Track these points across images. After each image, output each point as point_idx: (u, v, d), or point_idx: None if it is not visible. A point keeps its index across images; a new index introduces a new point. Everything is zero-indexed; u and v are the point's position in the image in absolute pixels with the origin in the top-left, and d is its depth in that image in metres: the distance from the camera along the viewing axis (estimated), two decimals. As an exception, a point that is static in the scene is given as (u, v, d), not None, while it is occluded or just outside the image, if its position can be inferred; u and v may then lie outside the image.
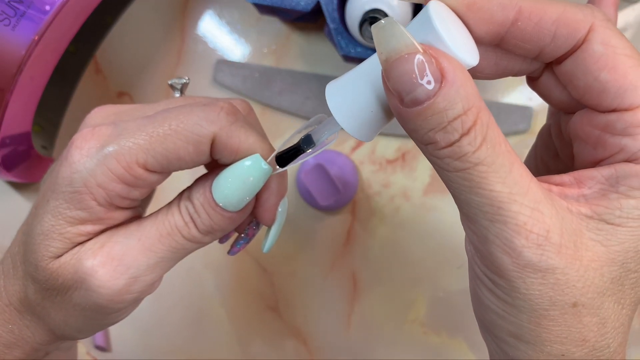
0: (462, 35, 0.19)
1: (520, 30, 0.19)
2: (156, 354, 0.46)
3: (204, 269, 0.45)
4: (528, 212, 0.18)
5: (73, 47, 0.44)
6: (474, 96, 0.18)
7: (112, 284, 0.23)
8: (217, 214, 0.24)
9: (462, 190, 0.19)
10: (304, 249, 0.44)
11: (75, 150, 0.23)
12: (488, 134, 0.18)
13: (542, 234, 0.18)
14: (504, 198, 0.18)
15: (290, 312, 0.45)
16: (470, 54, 0.19)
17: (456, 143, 0.18)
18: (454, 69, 0.17)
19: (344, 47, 0.38)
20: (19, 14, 0.33)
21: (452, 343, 0.44)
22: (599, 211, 0.19)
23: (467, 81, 0.17)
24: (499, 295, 0.20)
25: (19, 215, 0.46)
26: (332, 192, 0.41)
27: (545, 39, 0.19)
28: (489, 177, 0.18)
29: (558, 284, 0.19)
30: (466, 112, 0.17)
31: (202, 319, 0.45)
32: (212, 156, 0.24)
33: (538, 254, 0.18)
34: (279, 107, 0.44)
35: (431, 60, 0.17)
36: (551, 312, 0.19)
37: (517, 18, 0.19)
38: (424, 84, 0.17)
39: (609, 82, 0.19)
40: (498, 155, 0.18)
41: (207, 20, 0.45)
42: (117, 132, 0.24)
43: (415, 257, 0.43)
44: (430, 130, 0.18)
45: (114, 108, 0.26)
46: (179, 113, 0.24)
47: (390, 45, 0.17)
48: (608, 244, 0.19)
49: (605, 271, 0.19)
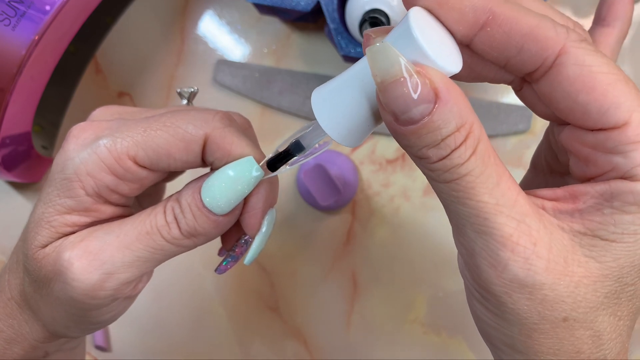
0: (443, 39, 0.19)
1: (488, 36, 0.19)
2: (156, 354, 0.46)
3: (204, 269, 0.45)
4: (514, 224, 0.18)
5: (73, 47, 0.44)
6: (467, 112, 0.18)
7: (85, 278, 0.23)
8: (203, 216, 0.24)
9: (451, 201, 0.19)
10: (304, 249, 0.44)
11: (71, 139, 0.24)
12: (478, 147, 0.18)
13: (528, 247, 0.18)
14: (490, 209, 0.18)
15: (290, 312, 0.45)
16: (454, 61, 0.19)
17: (447, 157, 0.18)
18: (447, 88, 0.17)
19: (344, 47, 0.38)
20: (19, 14, 0.33)
21: (452, 343, 0.44)
22: (592, 227, 0.19)
23: (459, 98, 0.18)
24: (489, 308, 0.20)
25: (19, 215, 0.46)
26: (332, 192, 0.41)
27: (511, 50, 0.19)
28: (476, 187, 0.18)
29: (546, 300, 0.18)
30: (459, 129, 0.18)
31: (201, 319, 0.45)
32: (204, 159, 0.24)
33: (525, 269, 0.18)
34: (279, 107, 0.44)
35: (425, 82, 0.17)
36: (541, 326, 0.19)
37: (487, 23, 0.19)
38: (418, 105, 0.17)
39: (589, 103, 0.18)
40: (486, 167, 0.18)
41: (207, 21, 0.45)
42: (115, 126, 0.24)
43: (415, 257, 0.43)
44: (424, 147, 0.18)
45: (118, 108, 0.27)
46: (175, 113, 0.24)
47: (385, 68, 0.17)
48: (602, 260, 0.18)
49: (598, 287, 0.19)
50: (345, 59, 0.40)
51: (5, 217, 0.46)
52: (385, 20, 0.35)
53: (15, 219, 0.46)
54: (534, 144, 0.42)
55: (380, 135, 0.43)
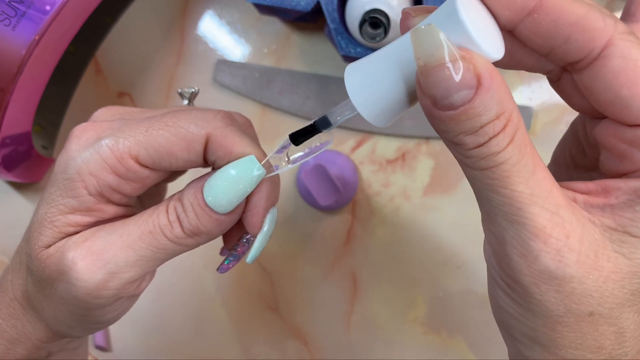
0: (487, 23, 0.18)
1: (535, 23, 0.18)
2: (156, 354, 0.46)
3: (204, 269, 0.45)
4: (548, 215, 0.18)
5: (73, 47, 0.44)
6: (507, 99, 0.17)
7: (89, 277, 0.23)
8: (205, 215, 0.24)
9: (484, 189, 0.19)
10: (304, 249, 0.44)
11: (73, 140, 0.24)
12: (516, 135, 0.18)
13: (561, 239, 0.18)
14: (524, 199, 0.18)
15: (290, 312, 0.45)
16: (497, 47, 0.18)
17: (485, 144, 0.18)
18: (489, 74, 0.17)
19: (344, 47, 0.38)
20: (19, 14, 0.33)
21: (452, 343, 0.44)
22: (623, 223, 0.18)
23: (501, 85, 0.17)
24: (514, 299, 0.20)
25: (19, 215, 0.46)
26: (332, 192, 0.41)
27: (558, 38, 0.18)
28: (512, 176, 0.18)
29: (574, 293, 0.18)
30: (499, 117, 0.17)
31: (202, 319, 0.45)
32: (206, 158, 0.24)
33: (556, 261, 0.18)
34: (279, 107, 0.44)
35: (469, 67, 0.17)
36: (566, 319, 0.19)
37: (535, 9, 0.18)
38: (460, 91, 0.17)
39: (631, 97, 0.18)
40: (523, 156, 0.18)
41: (207, 21, 0.45)
42: (117, 126, 0.24)
43: (415, 257, 0.43)
44: (461, 134, 0.18)
45: (120, 109, 0.27)
46: (177, 113, 0.24)
47: (430, 51, 0.17)
48: (632, 257, 0.18)
49: (626, 283, 0.18)
50: (345, 59, 0.40)
51: (5, 217, 0.46)
52: (385, 20, 0.35)
53: (15, 219, 0.46)
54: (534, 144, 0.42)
55: (380, 135, 0.43)
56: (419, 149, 0.43)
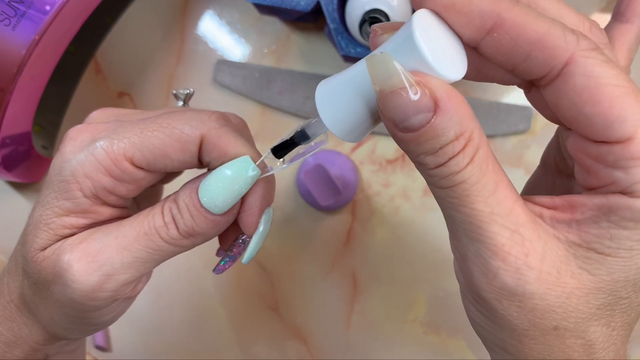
0: (449, 42, 0.19)
1: (495, 41, 0.18)
2: (156, 354, 0.46)
3: (204, 269, 0.45)
4: (507, 234, 0.18)
5: (73, 47, 0.44)
6: (467, 119, 0.18)
7: (85, 280, 0.23)
8: (200, 216, 0.24)
9: (447, 206, 0.19)
10: (304, 249, 0.44)
11: (68, 142, 0.24)
12: (476, 154, 0.18)
13: (520, 257, 0.18)
14: (484, 217, 0.18)
15: (290, 312, 0.45)
16: (458, 67, 0.19)
17: (444, 164, 0.18)
18: (447, 97, 0.17)
19: (344, 47, 0.38)
20: (19, 14, 0.33)
21: (452, 343, 0.44)
22: (588, 239, 0.18)
23: (460, 106, 0.17)
24: (481, 312, 0.20)
25: (19, 215, 0.46)
26: (332, 192, 0.41)
27: (518, 56, 0.18)
28: (471, 195, 0.18)
29: (536, 309, 0.18)
30: (458, 138, 0.17)
31: (202, 319, 0.45)
32: (201, 159, 0.24)
33: (515, 278, 0.18)
34: (279, 107, 0.44)
35: (424, 92, 0.17)
36: (531, 332, 0.19)
37: (494, 28, 0.18)
38: (417, 114, 0.17)
39: (594, 115, 0.18)
40: (483, 175, 0.18)
41: (207, 21, 0.45)
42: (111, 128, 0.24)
43: (415, 257, 0.43)
44: (422, 154, 0.18)
45: (115, 110, 0.27)
46: (172, 114, 0.24)
47: (384, 78, 0.17)
48: (596, 272, 0.18)
49: (591, 298, 0.18)
50: (345, 59, 0.40)
51: (5, 217, 0.46)
52: (385, 20, 0.35)
53: (15, 219, 0.45)
54: (534, 144, 0.42)
55: (380, 135, 0.43)
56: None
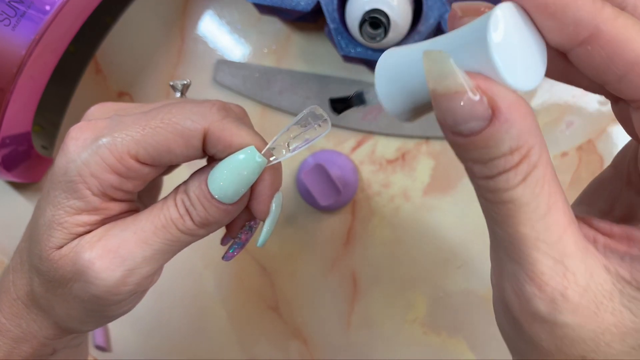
0: (528, 44, 0.17)
1: (587, 54, 0.16)
2: (156, 354, 0.46)
3: (205, 269, 0.45)
4: (551, 263, 0.17)
5: (73, 47, 0.44)
6: (528, 134, 0.16)
7: (109, 276, 0.24)
8: (213, 206, 0.24)
9: (490, 220, 0.18)
10: (304, 249, 0.44)
11: (70, 141, 0.24)
12: (531, 174, 0.16)
13: (558, 288, 0.17)
14: (528, 242, 0.17)
15: (291, 312, 0.45)
16: (531, 76, 0.17)
17: (493, 178, 0.16)
18: (508, 107, 0.16)
19: (344, 47, 0.38)
20: (19, 13, 0.33)
21: (452, 343, 0.44)
22: (639, 278, 0.17)
23: (521, 118, 0.16)
24: (510, 324, 0.19)
25: (19, 215, 0.46)
26: (332, 192, 0.41)
27: (611, 76, 0.16)
28: (518, 217, 0.17)
29: (567, 337, 0.17)
30: (512, 152, 0.16)
31: (202, 319, 0.45)
32: (206, 151, 0.24)
33: (550, 307, 0.17)
34: (279, 107, 0.44)
35: (482, 100, 0.16)
36: (557, 356, 0.18)
37: (588, 41, 0.16)
38: (468, 122, 0.16)
39: None
40: (535, 197, 0.16)
41: (207, 20, 0.45)
42: (113, 125, 0.24)
43: (415, 257, 0.43)
44: (469, 161, 0.17)
45: (113, 105, 0.27)
46: (172, 108, 0.24)
47: (438, 79, 0.16)
48: (639, 313, 0.17)
49: (627, 337, 0.17)
50: (345, 59, 0.40)
51: (5, 217, 0.46)
52: (385, 20, 0.35)
53: (15, 219, 0.45)
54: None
55: (380, 135, 0.43)
56: (419, 149, 0.43)
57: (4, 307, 0.27)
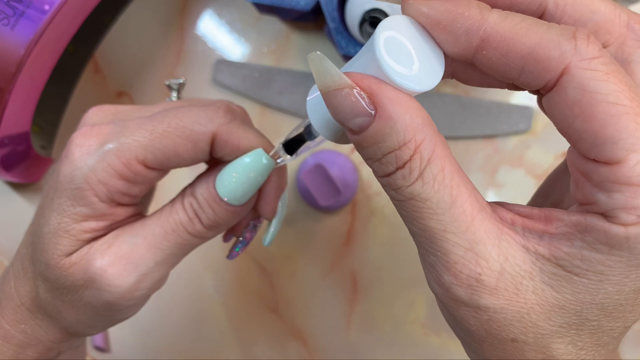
0: (423, 52, 0.18)
1: (486, 59, 0.17)
2: (156, 355, 0.46)
3: (204, 270, 0.45)
4: (461, 251, 0.17)
5: (72, 46, 0.44)
6: (414, 129, 0.17)
7: (122, 282, 0.24)
8: (222, 209, 0.25)
9: (401, 216, 0.19)
10: (304, 249, 0.44)
11: (75, 148, 0.24)
12: (427, 169, 0.17)
13: (472, 275, 0.17)
14: (437, 234, 0.18)
15: (290, 312, 0.45)
16: (425, 78, 0.18)
17: (391, 175, 0.17)
18: (390, 102, 0.17)
19: (344, 47, 0.38)
20: (17, 13, 0.33)
21: (452, 343, 0.44)
22: (558, 255, 0.18)
23: (405, 114, 0.17)
24: (445, 313, 0.20)
25: (18, 215, 0.46)
26: (332, 192, 0.41)
27: (512, 72, 0.17)
28: (423, 212, 0.17)
29: (493, 321, 0.18)
30: (401, 147, 0.17)
31: (202, 319, 0.45)
32: (213, 154, 0.25)
33: (468, 293, 0.18)
34: (279, 107, 0.43)
35: (362, 95, 0.17)
36: (489, 340, 0.18)
37: (482, 46, 0.17)
38: (355, 118, 0.17)
39: (584, 132, 0.16)
40: (436, 192, 0.17)
41: (206, 20, 0.45)
42: (117, 130, 0.24)
43: (416, 257, 0.43)
44: (368, 159, 0.18)
45: (111, 108, 0.27)
46: (177, 112, 0.24)
47: (321, 79, 0.17)
48: (560, 290, 0.18)
49: (553, 316, 0.18)
50: (345, 58, 0.40)
51: (4, 217, 0.46)
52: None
53: (14, 219, 0.45)
54: (535, 144, 0.42)
55: (380, 135, 0.43)
56: (419, 149, 0.43)
57: (7, 313, 0.27)
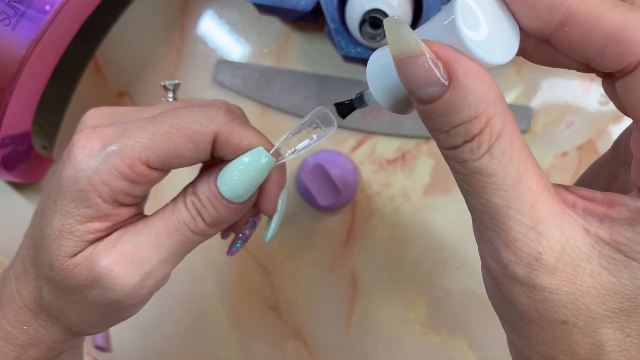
0: (499, 25, 0.17)
1: (566, 36, 0.17)
2: (156, 354, 0.46)
3: (205, 269, 0.45)
4: (524, 230, 0.17)
5: (73, 47, 0.44)
6: (487, 102, 0.16)
7: (127, 281, 0.24)
8: (224, 207, 0.25)
9: (463, 190, 0.18)
10: (304, 249, 0.44)
11: (78, 150, 0.24)
12: (496, 144, 0.17)
13: (532, 254, 0.17)
14: (499, 210, 0.17)
15: (290, 312, 0.45)
16: (500, 52, 0.17)
17: (458, 148, 0.17)
18: (465, 73, 0.16)
19: (344, 47, 0.38)
20: (18, 13, 0.33)
21: (452, 343, 0.44)
22: (618, 240, 0.17)
23: (479, 86, 0.16)
24: (495, 291, 0.20)
25: (19, 215, 0.46)
26: (332, 192, 0.41)
27: (592, 52, 0.17)
28: (487, 187, 0.17)
29: (546, 301, 0.18)
30: (472, 120, 0.16)
31: (202, 319, 0.45)
32: (214, 154, 0.25)
33: (526, 271, 0.18)
34: (279, 107, 0.44)
35: (437, 64, 0.16)
36: (539, 321, 0.18)
37: (564, 22, 0.17)
38: (427, 87, 0.17)
39: None
40: (503, 167, 0.17)
41: (207, 20, 0.45)
42: (119, 132, 0.24)
43: (415, 257, 0.43)
44: (434, 130, 0.18)
45: (110, 110, 0.27)
46: (179, 113, 0.24)
47: (396, 44, 0.17)
48: (618, 275, 0.17)
49: (607, 300, 0.18)
50: (345, 59, 0.40)
51: (4, 217, 0.46)
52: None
53: (14, 219, 0.45)
54: (534, 144, 0.42)
55: (380, 135, 0.43)
56: (419, 148, 0.43)
57: (9, 315, 0.27)
